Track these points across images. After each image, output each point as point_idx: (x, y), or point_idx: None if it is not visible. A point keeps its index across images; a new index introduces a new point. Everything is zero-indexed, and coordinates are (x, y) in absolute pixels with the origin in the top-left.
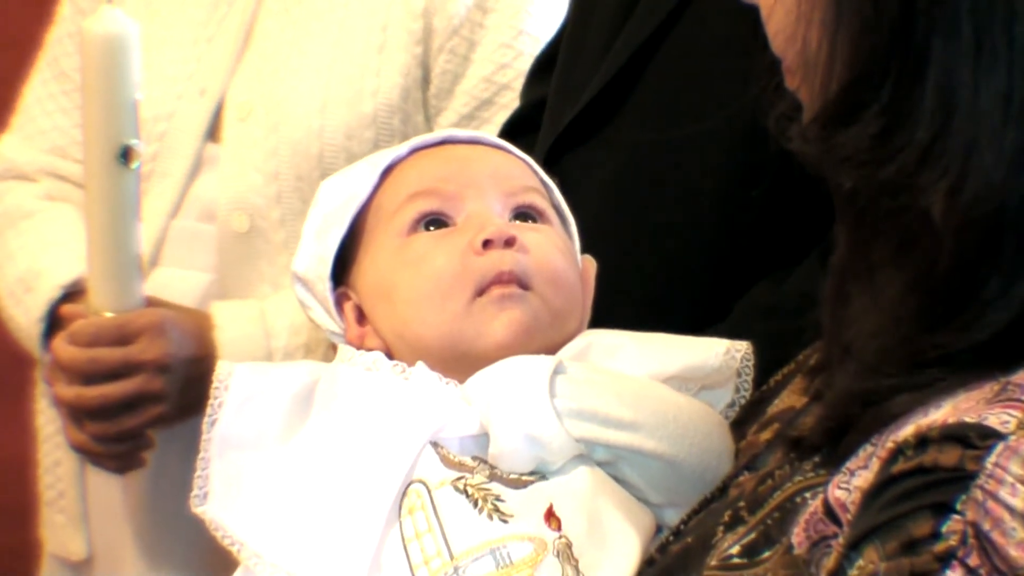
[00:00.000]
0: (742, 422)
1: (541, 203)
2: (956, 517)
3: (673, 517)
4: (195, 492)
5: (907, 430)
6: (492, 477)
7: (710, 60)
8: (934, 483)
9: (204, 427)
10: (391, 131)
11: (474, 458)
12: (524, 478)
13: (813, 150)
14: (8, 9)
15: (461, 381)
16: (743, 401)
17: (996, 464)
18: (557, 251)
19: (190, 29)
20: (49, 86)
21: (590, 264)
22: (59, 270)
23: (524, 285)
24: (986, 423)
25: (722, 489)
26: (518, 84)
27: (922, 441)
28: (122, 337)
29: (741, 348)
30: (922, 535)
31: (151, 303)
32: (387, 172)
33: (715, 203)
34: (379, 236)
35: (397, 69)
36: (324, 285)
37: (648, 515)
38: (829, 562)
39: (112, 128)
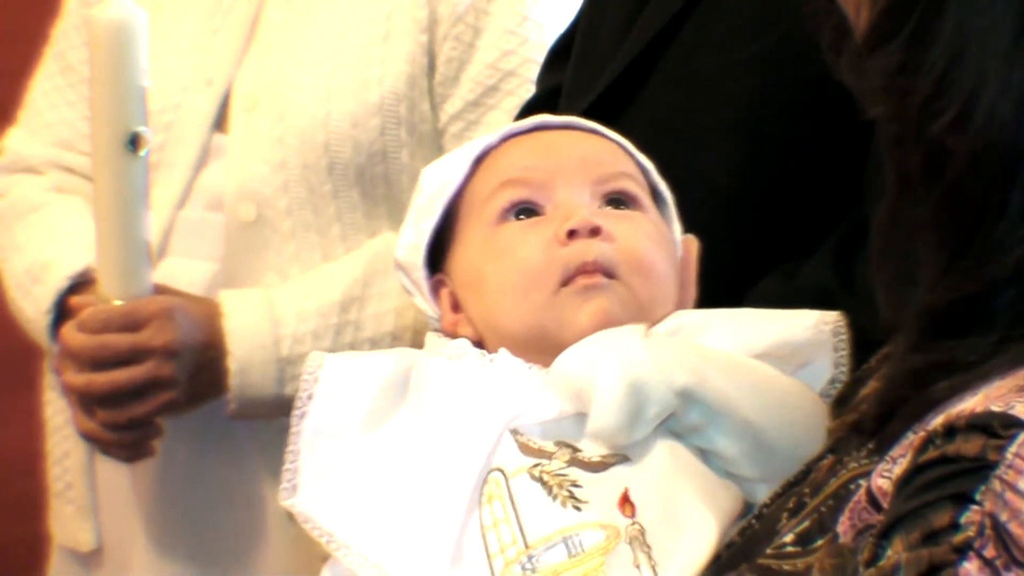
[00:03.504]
0: (842, 402)
1: (633, 188)
2: (975, 508)
3: (765, 494)
4: (284, 485)
5: (939, 419)
6: (572, 462)
7: (727, 48)
8: (956, 473)
9: (292, 420)
10: (397, 119)
11: (557, 443)
12: (606, 460)
13: (856, 82)
14: (13, 2)
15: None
16: (843, 378)
17: (1016, 454)
18: (646, 239)
19: (196, 21)
20: (55, 79)
21: (691, 244)
22: (67, 261)
23: (609, 274)
24: (1011, 412)
25: (805, 472)
26: (523, 71)
27: (950, 430)
28: (131, 324)
29: (830, 321)
30: (942, 526)
31: (160, 291)
32: (480, 160)
33: (727, 188)
34: (471, 225)
35: (402, 57)
36: (419, 272)
37: (732, 496)
38: (867, 551)
39: (120, 115)
